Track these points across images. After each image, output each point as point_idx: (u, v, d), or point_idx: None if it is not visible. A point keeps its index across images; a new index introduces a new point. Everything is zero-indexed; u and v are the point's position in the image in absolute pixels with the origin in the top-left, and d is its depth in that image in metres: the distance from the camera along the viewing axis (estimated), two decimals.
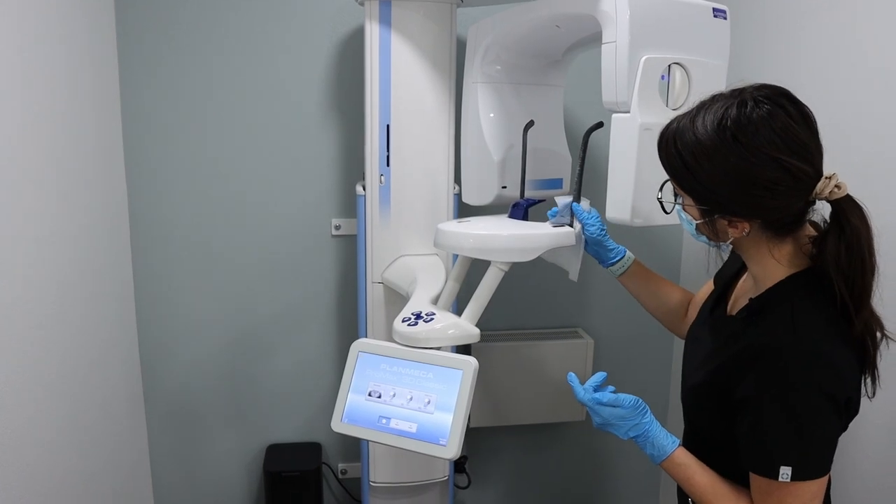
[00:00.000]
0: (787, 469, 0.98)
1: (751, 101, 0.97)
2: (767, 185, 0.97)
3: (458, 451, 1.23)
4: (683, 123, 1.03)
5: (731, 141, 0.96)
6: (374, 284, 1.85)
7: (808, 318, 1.01)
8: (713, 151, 0.98)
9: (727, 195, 1.00)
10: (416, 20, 1.73)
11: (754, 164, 0.96)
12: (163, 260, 2.15)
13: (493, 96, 1.75)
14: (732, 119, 0.97)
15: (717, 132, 0.97)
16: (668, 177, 1.09)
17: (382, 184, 1.79)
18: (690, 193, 1.05)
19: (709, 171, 0.99)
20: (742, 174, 0.97)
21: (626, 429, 1.18)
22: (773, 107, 0.97)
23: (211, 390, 2.26)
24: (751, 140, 0.96)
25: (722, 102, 1.00)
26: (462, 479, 2.35)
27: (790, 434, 0.99)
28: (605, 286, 2.41)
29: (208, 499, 2.33)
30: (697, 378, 1.17)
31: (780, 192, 0.97)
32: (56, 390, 1.60)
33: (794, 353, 0.99)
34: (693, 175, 1.01)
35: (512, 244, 1.41)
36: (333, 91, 2.14)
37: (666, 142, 1.05)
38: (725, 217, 1.03)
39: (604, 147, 1.43)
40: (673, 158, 1.04)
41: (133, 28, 2.01)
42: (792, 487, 0.99)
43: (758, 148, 0.96)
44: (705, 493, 1.11)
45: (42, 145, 1.55)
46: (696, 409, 1.20)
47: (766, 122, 0.96)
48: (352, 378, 1.34)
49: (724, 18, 1.42)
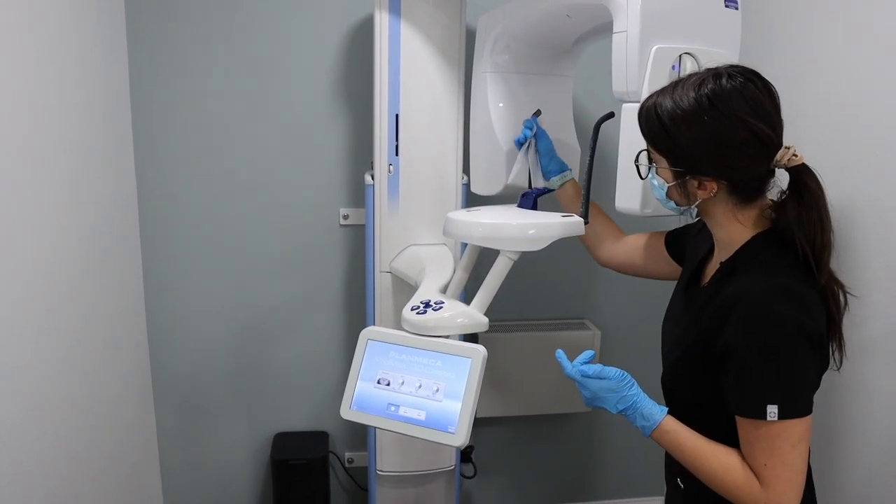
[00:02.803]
0: (774, 407, 1.04)
1: (725, 75, 1.09)
2: (737, 146, 1.08)
3: (466, 438, 1.24)
4: (663, 95, 1.13)
5: (708, 106, 1.08)
6: (383, 274, 1.86)
7: (775, 265, 1.10)
8: (692, 116, 1.08)
9: (701, 156, 1.10)
10: (425, 9, 1.72)
11: (727, 127, 1.07)
12: (172, 250, 2.16)
13: (502, 86, 1.75)
14: (710, 88, 1.08)
15: (696, 99, 1.08)
16: (646, 143, 1.18)
17: (391, 173, 1.79)
18: (667, 156, 1.15)
19: (686, 134, 1.10)
20: (716, 136, 1.08)
21: (614, 401, 1.20)
22: (744, 80, 1.09)
23: (219, 379, 2.27)
24: (725, 106, 1.07)
25: (698, 76, 1.11)
26: (468, 469, 2.36)
27: (772, 372, 1.05)
28: (611, 278, 2.41)
29: (216, 486, 2.35)
30: (677, 353, 1.23)
31: (748, 153, 1.09)
32: (66, 378, 1.61)
33: (766, 293, 1.06)
34: (671, 138, 1.11)
35: (521, 233, 1.40)
36: (341, 81, 2.14)
37: (646, 110, 1.15)
38: (696, 178, 1.12)
39: (613, 138, 1.43)
40: (653, 123, 1.13)
41: (142, 20, 2.01)
42: (779, 427, 1.05)
43: (731, 113, 1.07)
44: (697, 455, 1.14)
45: (55, 139, 1.56)
46: (680, 383, 1.24)
47: (739, 91, 1.08)
48: (361, 366, 1.35)
49: (736, 8, 1.41)
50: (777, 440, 1.05)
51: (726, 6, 1.39)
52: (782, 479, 1.06)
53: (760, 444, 1.07)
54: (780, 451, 1.05)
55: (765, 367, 1.05)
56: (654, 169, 1.19)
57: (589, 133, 1.47)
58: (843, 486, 1.68)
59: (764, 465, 1.07)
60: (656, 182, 1.19)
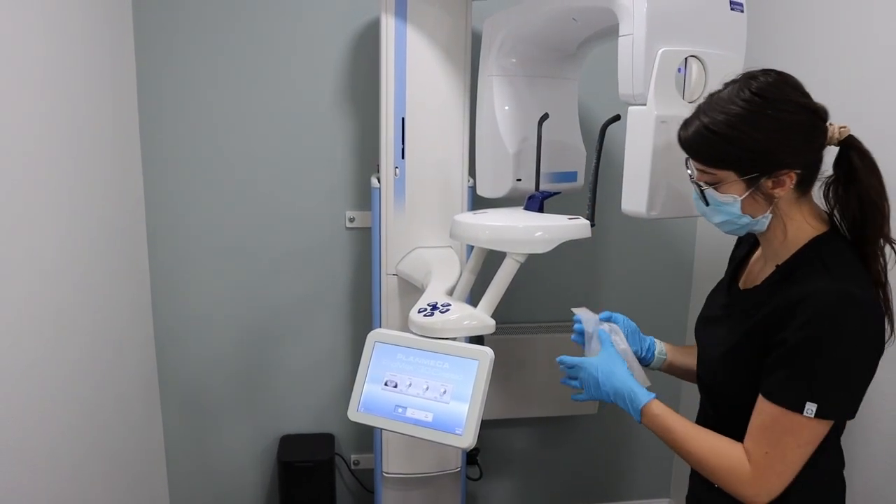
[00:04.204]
0: (813, 405, 1.03)
1: (759, 74, 1.12)
2: (802, 127, 1.09)
3: (473, 440, 1.24)
4: (707, 117, 1.12)
5: (762, 101, 1.08)
6: (389, 276, 1.86)
7: (840, 265, 1.09)
8: (752, 115, 1.08)
9: (773, 149, 1.09)
10: (431, 13, 1.73)
11: (790, 112, 1.09)
12: (178, 252, 2.17)
13: (508, 89, 1.76)
14: (755, 87, 1.10)
15: (747, 100, 1.09)
16: (704, 166, 1.15)
17: (397, 176, 1.80)
18: (734, 167, 1.12)
19: (751, 134, 1.09)
20: (782, 124, 1.08)
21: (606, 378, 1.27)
22: (777, 73, 1.13)
23: (225, 381, 2.28)
24: (777, 95, 1.09)
25: (732, 86, 1.13)
26: (474, 471, 2.37)
27: (824, 370, 1.04)
28: (616, 280, 2.42)
29: (222, 488, 2.35)
30: (724, 347, 1.21)
31: (813, 133, 1.10)
32: (74, 380, 1.62)
33: (833, 297, 1.04)
34: (736, 146, 1.10)
35: (528, 236, 1.41)
36: (347, 84, 2.15)
37: (696, 135, 1.13)
38: (771, 176, 1.10)
39: (618, 141, 1.43)
40: (709, 141, 1.12)
41: (149, 22, 2.02)
42: (804, 422, 1.05)
43: (785, 99, 1.09)
44: (687, 438, 1.17)
45: (63, 141, 1.57)
46: (726, 377, 1.22)
47: (781, 82, 1.11)
48: (368, 368, 1.36)
49: (742, 11, 1.41)
50: (791, 434, 1.06)
51: (732, 9, 1.40)
52: (776, 471, 1.07)
53: (775, 432, 1.07)
54: (787, 445, 1.06)
55: (817, 363, 1.04)
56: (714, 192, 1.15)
57: (594, 136, 1.47)
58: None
59: (765, 454, 1.08)
60: (723, 202, 1.15)
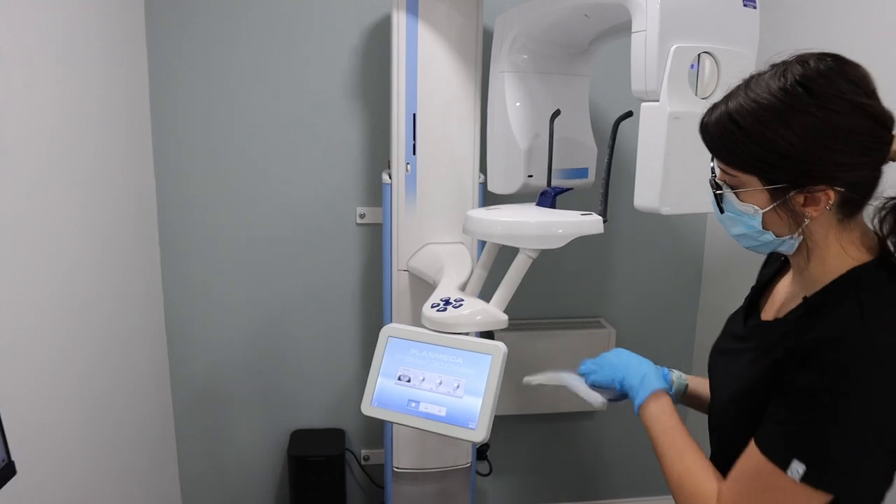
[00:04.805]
0: (801, 466, 0.84)
1: (811, 59, 0.88)
2: (853, 135, 0.85)
3: (487, 434, 1.24)
4: (735, 101, 0.90)
5: (806, 95, 0.85)
6: (400, 272, 1.87)
7: (879, 308, 0.87)
8: (787, 110, 0.86)
9: (809, 157, 0.86)
10: (442, 10, 1.74)
11: (838, 113, 0.85)
12: (189, 249, 2.18)
13: (519, 85, 1.76)
14: (800, 75, 0.86)
15: (783, 91, 0.86)
16: (724, 165, 0.94)
17: (409, 172, 1.81)
18: (758, 171, 0.90)
19: (784, 134, 0.86)
20: (826, 126, 0.85)
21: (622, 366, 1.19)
22: (836, 59, 0.88)
23: (236, 376, 2.29)
24: (827, 89, 0.85)
25: (774, 70, 0.90)
26: (483, 467, 2.37)
27: (826, 429, 0.84)
28: (627, 276, 2.42)
29: (233, 482, 2.37)
30: (735, 386, 1.01)
31: (868, 143, 0.86)
32: (87, 376, 1.63)
33: (863, 344, 0.84)
34: (762, 146, 0.87)
35: (541, 231, 1.42)
36: (357, 81, 2.16)
37: (718, 123, 0.92)
38: (803, 190, 0.88)
39: (628, 138, 1.44)
40: (731, 135, 0.90)
41: (161, 22, 2.03)
42: (789, 484, 0.85)
43: (837, 96, 0.85)
44: (671, 446, 1.09)
45: (78, 142, 1.58)
46: (736, 422, 1.01)
47: (838, 71, 0.87)
48: (381, 362, 1.36)
49: (754, 7, 1.41)
50: (771, 494, 0.88)
51: (745, 5, 1.40)
52: None
53: (754, 484, 0.90)
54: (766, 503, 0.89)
55: (819, 416, 0.84)
56: (733, 198, 0.94)
57: (605, 132, 1.48)
58: None
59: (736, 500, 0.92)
60: (742, 212, 0.94)
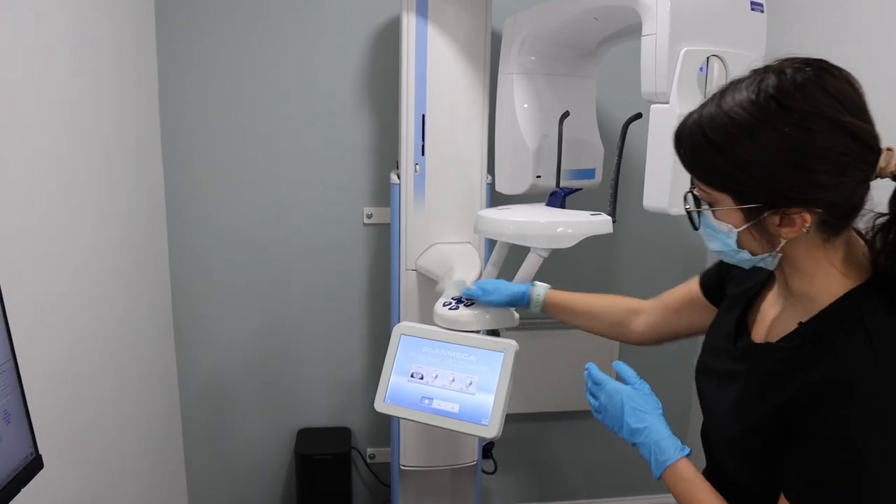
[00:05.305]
0: None
1: (788, 68, 0.82)
2: (831, 155, 0.79)
3: (499, 430, 1.26)
4: (708, 110, 0.85)
5: (778, 110, 0.80)
6: (408, 271, 1.89)
7: (889, 339, 0.82)
8: (757, 126, 0.80)
9: (781, 178, 0.81)
10: (451, 12, 1.76)
11: (813, 132, 0.79)
12: (198, 248, 2.20)
13: (527, 87, 1.78)
14: (774, 87, 0.81)
15: (755, 105, 0.81)
16: (695, 179, 0.90)
17: (417, 172, 1.83)
18: (730, 189, 0.85)
19: (754, 153, 0.81)
20: (799, 146, 0.79)
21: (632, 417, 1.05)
22: (816, 69, 0.82)
23: (243, 375, 2.31)
24: (803, 105, 0.79)
25: (750, 79, 0.84)
26: (489, 465, 2.39)
27: (858, 485, 0.81)
28: (633, 277, 2.44)
29: (240, 480, 2.38)
30: (735, 430, 0.95)
31: (848, 163, 0.80)
32: (94, 374, 1.63)
33: (882, 388, 0.80)
34: (732, 163, 0.83)
35: (552, 231, 1.44)
36: (365, 82, 2.18)
37: (689, 135, 0.86)
38: (778, 211, 0.83)
39: (633, 139, 1.46)
40: (702, 149, 0.85)
41: (170, 21, 2.05)
42: None
43: (814, 112, 0.79)
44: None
45: (88, 143, 1.59)
46: (736, 463, 0.98)
47: (816, 83, 0.80)
48: (394, 360, 1.38)
49: (762, 11, 1.44)
50: None
51: (752, 9, 1.42)
52: None
53: None
54: None
55: (854, 473, 0.81)
56: (709, 214, 0.90)
57: (611, 133, 1.50)
58: None
59: None
60: (718, 229, 0.90)
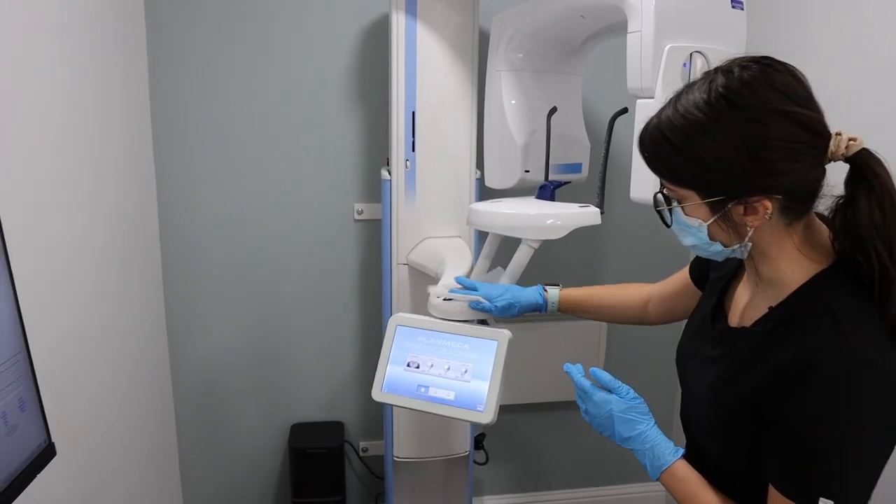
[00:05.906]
0: (829, 502, 0.86)
1: (736, 67, 0.89)
2: (783, 144, 0.86)
3: (494, 416, 1.31)
4: (666, 113, 0.92)
5: (729, 107, 0.87)
6: (400, 266, 1.92)
7: (854, 321, 0.88)
8: (712, 124, 0.87)
9: (740, 170, 0.88)
10: (440, 10, 1.79)
11: (763, 125, 0.86)
12: (190, 245, 2.21)
13: (515, 83, 1.82)
14: (723, 86, 0.87)
15: (708, 105, 0.88)
16: (662, 179, 0.97)
17: (408, 168, 1.86)
18: (694, 186, 0.92)
19: (712, 149, 0.88)
20: (753, 139, 0.86)
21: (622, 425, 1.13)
22: (762, 66, 0.89)
23: (236, 370, 2.33)
24: (750, 101, 0.86)
25: (701, 80, 0.91)
26: (480, 456, 2.42)
27: (836, 463, 0.86)
28: (618, 268, 2.49)
29: (234, 474, 2.41)
30: (713, 414, 1.03)
31: (800, 150, 0.87)
32: (88, 369, 1.63)
33: (845, 369, 0.85)
34: (693, 161, 0.90)
35: (542, 222, 1.48)
36: (354, 79, 2.20)
37: (651, 138, 0.94)
38: (741, 202, 0.90)
39: (620, 134, 1.50)
40: (664, 151, 0.92)
41: (160, 20, 2.06)
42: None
43: (762, 106, 0.86)
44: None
45: (78, 140, 1.59)
46: (716, 445, 1.04)
47: (761, 80, 0.87)
48: (391, 350, 1.42)
49: (742, 9, 1.49)
50: None
51: (733, 6, 1.47)
52: None
53: None
54: None
55: (829, 455, 0.86)
56: (679, 211, 0.97)
57: (597, 128, 1.53)
58: None
59: None
60: (689, 225, 0.96)
